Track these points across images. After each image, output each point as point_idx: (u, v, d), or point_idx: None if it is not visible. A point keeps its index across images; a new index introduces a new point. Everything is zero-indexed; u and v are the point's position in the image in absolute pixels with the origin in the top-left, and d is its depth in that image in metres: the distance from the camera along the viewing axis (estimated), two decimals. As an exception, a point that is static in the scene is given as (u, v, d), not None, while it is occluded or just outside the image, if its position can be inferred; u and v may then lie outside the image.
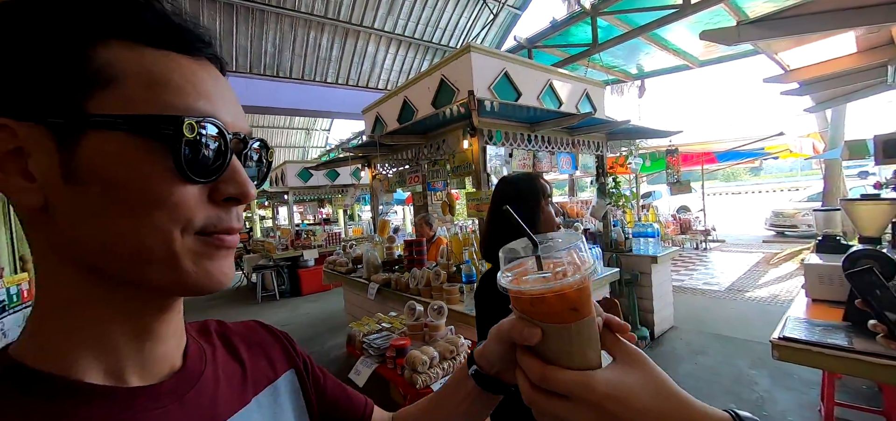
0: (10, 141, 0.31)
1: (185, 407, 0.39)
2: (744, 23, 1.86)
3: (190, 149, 0.33)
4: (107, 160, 0.32)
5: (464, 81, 3.20)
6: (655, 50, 6.37)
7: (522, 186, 1.36)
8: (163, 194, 0.33)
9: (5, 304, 2.46)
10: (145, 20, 0.34)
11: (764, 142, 7.96)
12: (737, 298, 5.44)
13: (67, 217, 0.33)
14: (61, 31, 0.32)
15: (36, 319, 0.36)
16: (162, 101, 0.33)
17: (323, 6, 6.22)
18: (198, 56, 0.37)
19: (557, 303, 0.39)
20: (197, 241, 0.36)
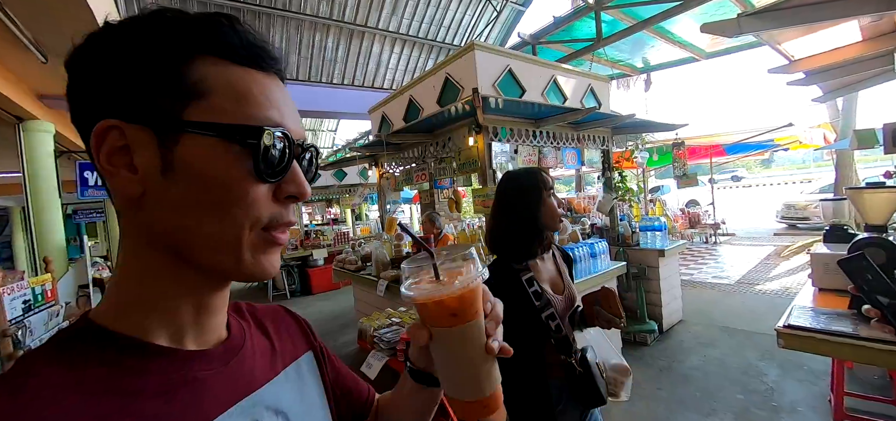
0: (120, 139, 0.38)
1: (230, 371, 0.45)
2: (744, 14, 1.87)
3: (265, 154, 0.40)
4: (199, 159, 0.38)
5: (468, 79, 3.23)
6: (661, 43, 6.33)
7: (524, 180, 1.41)
8: (241, 191, 0.39)
9: (31, 303, 2.55)
10: (231, 41, 0.40)
11: (773, 133, 7.86)
12: (746, 291, 5.41)
13: (160, 204, 0.39)
14: (162, 49, 0.38)
15: (118, 291, 0.42)
16: (244, 112, 0.39)
17: (328, 8, 6.29)
18: (269, 71, 0.43)
19: (437, 309, 0.45)
20: (258, 235, 0.41)
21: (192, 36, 0.39)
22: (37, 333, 2.54)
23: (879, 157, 14.16)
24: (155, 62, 0.38)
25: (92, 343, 0.38)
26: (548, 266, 1.44)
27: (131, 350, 0.39)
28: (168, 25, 0.39)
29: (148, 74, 0.38)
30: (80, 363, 0.36)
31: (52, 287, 2.91)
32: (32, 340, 2.46)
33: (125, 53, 0.38)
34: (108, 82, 0.38)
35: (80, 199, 5.50)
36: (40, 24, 3.28)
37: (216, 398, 0.42)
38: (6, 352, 2.17)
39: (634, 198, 4.88)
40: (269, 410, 0.47)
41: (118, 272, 0.42)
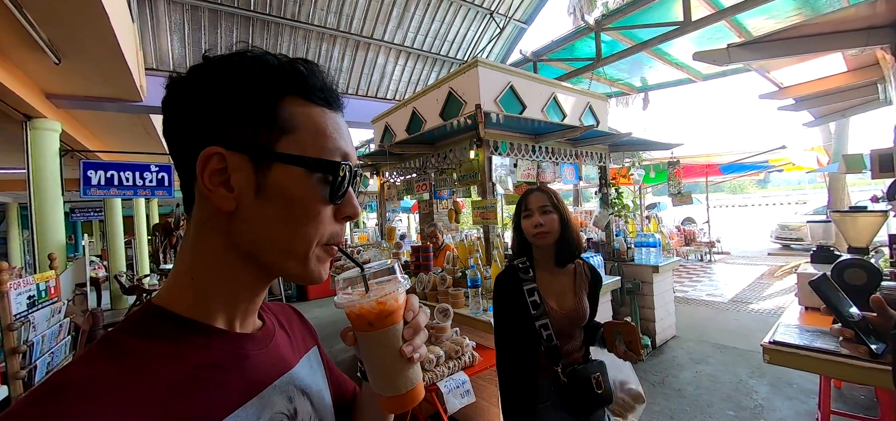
0: (220, 162, 0.45)
1: (270, 352, 0.54)
2: (734, 45, 1.97)
3: (337, 183, 0.48)
4: (287, 184, 0.46)
5: (471, 94, 3.33)
6: (659, 64, 6.48)
7: (517, 201, 1.61)
8: (315, 212, 0.48)
9: (35, 299, 2.58)
10: (313, 85, 0.49)
11: (767, 155, 8.00)
12: (740, 309, 5.48)
13: (250, 218, 0.46)
14: (260, 90, 0.46)
15: (187, 283, 0.48)
16: (322, 146, 0.48)
17: (335, 20, 6.41)
18: (337, 108, 0.52)
19: (357, 318, 0.54)
20: (321, 249, 0.50)
21: (283, 79, 0.47)
22: (40, 329, 2.57)
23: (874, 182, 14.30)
24: (254, 100, 0.46)
25: (164, 323, 0.45)
26: (560, 279, 1.53)
27: (198, 330, 0.47)
28: (264, 69, 0.47)
29: (247, 110, 0.46)
30: (158, 339, 0.44)
31: (56, 284, 2.95)
32: (36, 336, 2.49)
33: (229, 89, 0.46)
34: (212, 114, 0.45)
35: (82, 197, 5.52)
36: (55, 26, 3.36)
37: (261, 374, 0.50)
38: (10, 346, 2.20)
39: (630, 214, 4.96)
40: (298, 390, 0.55)
41: (186, 266, 0.49)
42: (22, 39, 3.40)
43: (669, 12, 5.27)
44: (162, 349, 0.43)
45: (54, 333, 2.70)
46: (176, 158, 0.49)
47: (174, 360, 0.43)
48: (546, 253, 1.52)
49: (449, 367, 2.31)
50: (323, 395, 0.61)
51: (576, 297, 1.50)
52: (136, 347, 0.42)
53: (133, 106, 5.27)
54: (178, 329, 0.45)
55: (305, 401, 0.56)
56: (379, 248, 5.04)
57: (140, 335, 0.43)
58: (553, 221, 1.48)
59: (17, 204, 13.26)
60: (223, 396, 0.44)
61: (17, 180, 8.98)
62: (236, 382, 0.47)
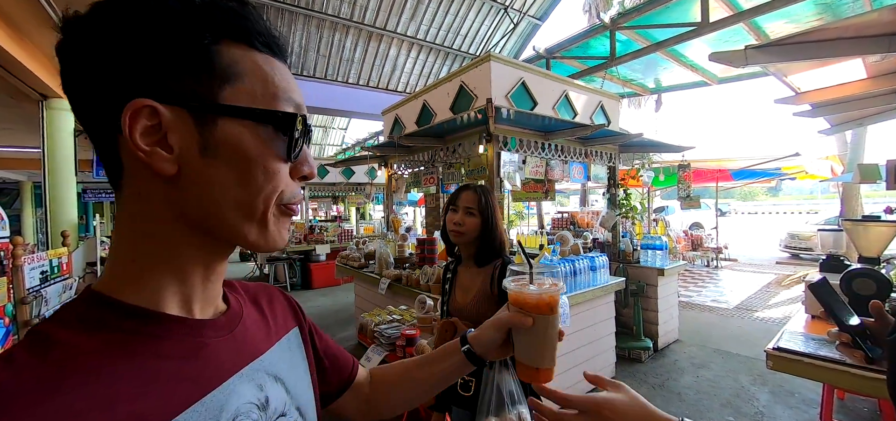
0: (152, 118, 0.38)
1: (235, 339, 0.48)
2: (751, 47, 1.95)
3: (293, 137, 0.44)
4: (238, 141, 0.41)
5: (482, 89, 3.32)
6: (674, 65, 6.41)
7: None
8: (272, 170, 0.43)
9: (48, 274, 2.64)
10: (254, 28, 0.43)
11: (780, 162, 7.89)
12: (744, 316, 5.43)
13: (195, 183, 0.40)
14: (193, 31, 0.39)
15: (130, 264, 0.42)
16: (274, 96, 0.43)
17: (349, 9, 6.43)
18: (282, 58, 0.46)
19: (544, 304, 0.63)
20: (278, 209, 0.45)
21: (220, 19, 0.40)
22: (51, 304, 2.63)
23: (888, 194, 14.09)
24: (188, 43, 0.38)
25: (107, 312, 0.39)
26: (472, 276, 1.61)
27: (148, 318, 0.41)
28: (196, 7, 0.39)
29: (178, 55, 0.38)
30: (99, 331, 0.37)
31: (68, 261, 3.01)
32: (47, 310, 2.55)
33: (153, 30, 0.37)
34: (134, 61, 0.37)
35: (95, 178, 5.62)
36: (74, 6, 3.41)
37: (226, 362, 0.45)
38: (23, 319, 2.26)
39: (637, 216, 4.94)
40: (269, 376, 0.50)
41: (125, 246, 0.42)
42: (41, 19, 3.46)
43: (687, 13, 5.21)
44: (103, 342, 0.37)
45: (66, 308, 2.77)
46: (87, 119, 0.40)
47: (118, 354, 0.36)
48: (467, 250, 1.62)
49: (451, 359, 2.32)
50: (300, 381, 0.57)
51: (473, 295, 1.56)
52: (70, 341, 0.35)
53: (147, 88, 5.33)
54: (124, 318, 0.39)
55: (279, 387, 0.51)
56: (384, 239, 5.06)
57: (76, 327, 0.37)
58: (473, 223, 1.55)
59: (31, 182, 13.50)
60: (178, 390, 0.39)
61: (30, 159, 9.13)
62: (194, 373, 0.41)
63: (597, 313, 3.34)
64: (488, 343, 0.70)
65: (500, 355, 0.71)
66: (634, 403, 0.58)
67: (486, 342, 0.70)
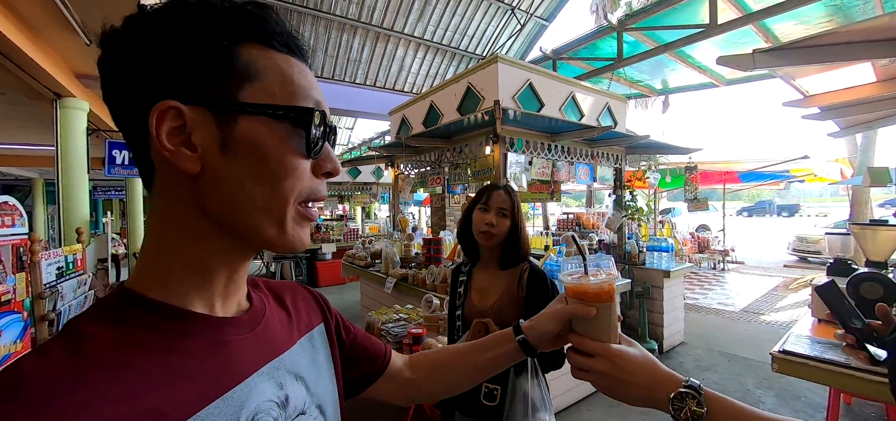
0: (177, 119, 0.40)
1: (256, 337, 0.49)
2: (759, 50, 1.95)
3: (311, 133, 0.44)
4: (256, 137, 0.42)
5: (489, 90, 3.34)
6: (681, 67, 6.38)
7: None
8: (292, 166, 0.43)
9: (63, 270, 2.69)
10: (272, 29, 0.44)
11: (789, 164, 7.83)
12: (751, 319, 5.41)
13: (217, 180, 0.42)
14: (214, 34, 0.41)
15: (158, 262, 0.44)
16: (293, 93, 0.44)
17: (357, 10, 6.47)
18: (301, 58, 0.47)
19: (603, 293, 0.66)
20: (297, 209, 0.45)
21: (238, 23, 0.42)
22: (67, 299, 2.69)
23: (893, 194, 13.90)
24: (208, 47, 0.41)
25: (135, 309, 0.41)
26: (493, 278, 1.54)
27: (174, 315, 0.42)
28: (216, 12, 0.42)
29: (201, 58, 0.41)
30: (127, 327, 0.39)
31: (82, 257, 3.07)
32: (63, 305, 2.61)
33: (177, 37, 0.40)
34: (161, 65, 0.40)
35: (106, 176, 5.70)
36: (88, 8, 3.47)
37: (247, 360, 0.46)
38: (40, 313, 2.31)
39: (643, 218, 4.93)
40: (289, 374, 0.51)
41: (154, 245, 0.44)
42: (57, 20, 3.52)
43: (695, 14, 5.19)
44: (131, 338, 0.38)
45: (80, 304, 2.82)
46: (124, 125, 0.43)
47: (142, 349, 0.38)
48: (492, 252, 1.54)
49: (457, 358, 2.35)
50: (322, 378, 0.58)
51: (497, 298, 1.49)
52: (98, 336, 0.37)
53: (158, 88, 5.41)
54: (151, 315, 0.41)
55: (299, 385, 0.52)
56: (390, 239, 5.10)
57: (107, 323, 0.39)
58: (505, 226, 1.48)
59: (42, 179, 13.71)
60: (198, 386, 0.40)
61: (42, 157, 9.28)
62: (215, 370, 0.42)
63: (602, 315, 3.35)
64: (544, 334, 0.71)
65: (553, 346, 0.73)
66: (646, 358, 0.64)
67: (542, 333, 0.72)
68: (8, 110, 5.90)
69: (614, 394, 0.65)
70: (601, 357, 0.64)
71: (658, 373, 0.63)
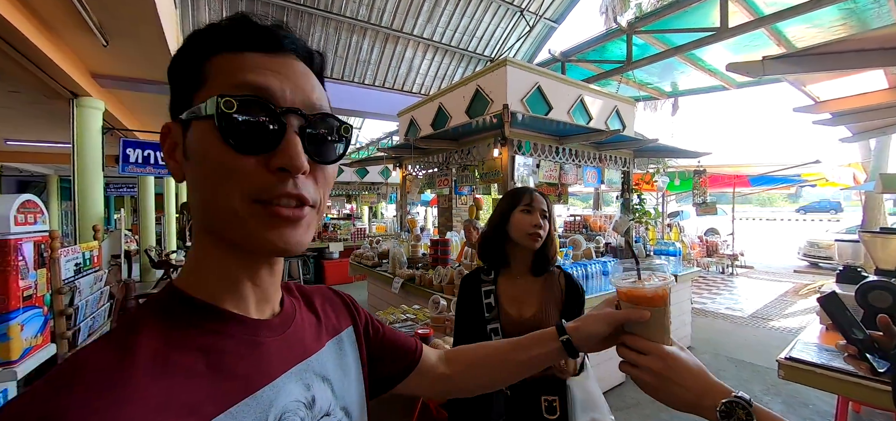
0: (170, 137, 0.45)
1: (287, 339, 0.51)
2: (769, 58, 1.95)
3: (232, 122, 0.40)
4: (196, 140, 0.42)
5: (498, 93, 3.36)
6: (691, 69, 6.34)
7: (502, 198, 1.52)
8: (225, 165, 0.41)
9: (81, 266, 2.76)
10: (240, 34, 0.44)
11: (799, 169, 7.75)
12: (759, 325, 5.36)
13: (190, 186, 0.45)
14: (189, 56, 0.45)
15: (191, 262, 0.47)
16: (224, 87, 0.42)
17: (367, 12, 6.53)
18: (277, 52, 0.45)
19: (658, 297, 0.67)
20: (257, 207, 0.42)
21: (211, 37, 0.44)
22: (84, 294, 2.75)
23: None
24: (182, 66, 0.45)
25: (181, 307, 0.44)
26: (526, 286, 1.44)
27: (211, 315, 0.45)
28: (195, 34, 0.45)
29: (179, 77, 0.45)
30: (174, 322, 0.42)
31: (99, 253, 3.14)
32: (80, 300, 2.67)
33: (172, 66, 0.46)
34: (171, 91, 0.46)
35: (120, 174, 5.81)
36: (106, 10, 3.55)
37: (277, 361, 0.48)
38: (59, 308, 2.38)
39: (650, 221, 4.91)
40: (317, 376, 0.53)
41: (193, 249, 0.48)
42: (75, 21, 3.60)
43: (706, 17, 5.16)
44: (176, 334, 0.42)
45: (96, 299, 2.89)
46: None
47: (187, 346, 0.41)
48: (524, 257, 1.44)
49: (463, 359, 2.38)
50: (348, 380, 0.60)
51: (538, 307, 1.41)
52: (153, 331, 0.40)
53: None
54: (195, 314, 0.44)
55: (325, 387, 0.54)
56: (398, 239, 5.14)
57: (159, 319, 0.42)
58: (546, 228, 1.41)
59: (57, 176, 13.96)
60: (231, 384, 0.42)
61: (57, 154, 9.46)
62: (247, 369, 0.44)
63: (608, 318, 3.35)
64: (591, 336, 0.72)
65: (600, 348, 0.74)
66: (698, 366, 0.65)
67: (589, 335, 0.72)
68: (26, 109, 6.03)
69: (659, 394, 0.65)
70: (653, 356, 0.64)
71: (708, 381, 0.63)
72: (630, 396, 3.33)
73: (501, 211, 1.46)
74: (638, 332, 0.69)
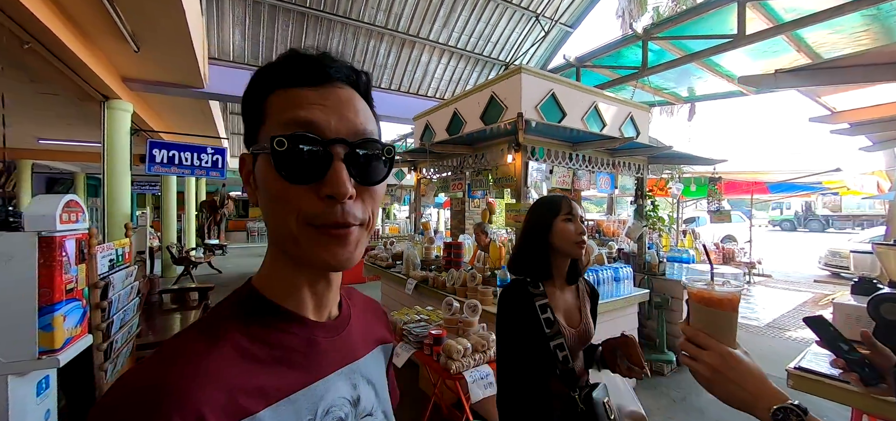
0: (245, 165, 0.52)
1: (340, 341, 0.57)
2: (782, 71, 1.96)
3: (282, 158, 0.45)
4: (259, 172, 0.50)
5: (513, 100, 3.42)
6: (708, 75, 6.28)
7: (541, 205, 1.46)
8: (280, 194, 0.47)
9: (114, 261, 2.91)
10: (290, 71, 0.50)
11: (820, 176, 7.59)
12: (775, 335, 5.29)
13: (260, 208, 0.51)
14: (255, 93, 0.51)
15: (267, 267, 0.54)
16: (280, 125, 0.47)
17: (384, 18, 6.66)
18: (322, 84, 0.50)
19: (727, 302, 0.72)
20: (311, 230, 0.47)
21: (268, 76, 0.50)
22: (117, 288, 2.90)
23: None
24: (248, 103, 0.52)
25: (257, 305, 0.51)
26: (567, 296, 1.43)
27: (279, 314, 0.52)
28: (257, 73, 0.52)
29: (247, 113, 0.52)
30: (250, 318, 0.50)
31: (130, 250, 3.30)
32: (114, 294, 2.82)
33: (244, 101, 0.53)
34: (244, 124, 0.53)
35: (146, 173, 6.04)
36: (139, 19, 3.73)
37: (330, 360, 0.54)
38: (94, 301, 2.52)
39: (664, 227, 4.90)
40: (362, 378, 0.59)
41: (267, 256, 0.54)
42: (110, 29, 3.80)
43: (724, 23, 5.11)
44: (252, 328, 0.49)
45: (127, 294, 3.04)
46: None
47: (261, 340, 0.48)
48: (563, 266, 1.41)
49: (475, 359, 2.44)
50: (383, 388, 0.65)
51: (581, 315, 1.42)
52: (236, 324, 0.48)
53: (195, 92, 5.72)
54: (267, 313, 0.51)
55: (370, 390, 0.60)
56: (412, 241, 5.22)
57: (240, 315, 0.50)
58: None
59: (84, 174, 14.48)
60: (292, 375, 0.49)
61: (85, 152, 9.82)
62: (306, 364, 0.51)
63: (619, 324, 3.38)
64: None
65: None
66: (758, 369, 0.70)
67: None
68: (60, 110, 6.32)
69: (714, 389, 0.70)
70: (713, 353, 0.69)
71: (766, 385, 0.67)
72: (640, 402, 3.35)
73: (541, 221, 1.41)
74: (706, 330, 0.74)
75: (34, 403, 2.01)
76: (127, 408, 0.39)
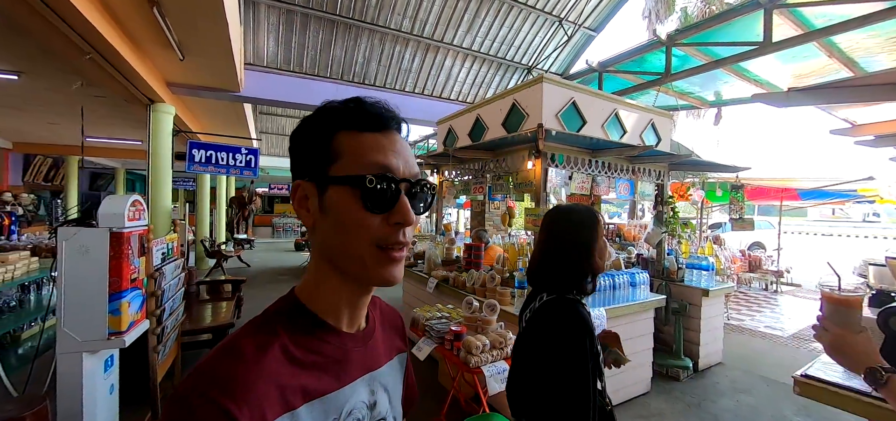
0: (302, 191, 0.59)
1: (367, 350, 0.66)
2: (794, 89, 2.00)
3: (370, 193, 0.55)
4: (336, 201, 0.56)
5: (534, 108, 3.54)
6: (735, 79, 6.18)
7: (582, 214, 1.37)
8: (357, 220, 0.56)
9: (166, 255, 3.18)
10: (357, 117, 0.58)
11: (853, 184, 7.36)
12: (800, 346, 5.21)
13: (322, 231, 0.58)
14: (319, 132, 0.59)
15: (310, 282, 0.62)
16: (359, 164, 0.56)
17: (410, 24, 6.86)
18: (385, 130, 0.60)
19: (849, 301, 1.02)
20: (377, 251, 0.57)
21: (335, 119, 0.58)
22: (167, 279, 3.18)
23: None
24: (314, 140, 0.58)
25: (300, 314, 0.60)
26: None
27: (318, 325, 0.60)
28: (321, 115, 0.59)
29: (312, 149, 0.58)
30: (295, 325, 0.58)
31: (177, 244, 3.59)
32: (165, 284, 3.10)
33: (303, 137, 0.60)
34: (297, 157, 0.60)
35: (186, 171, 6.41)
36: (186, 29, 4.03)
37: (356, 368, 0.62)
38: (150, 290, 2.79)
39: (684, 235, 4.90)
40: (380, 385, 0.67)
41: (311, 273, 0.62)
42: (159, 38, 4.11)
43: (751, 29, 5.04)
44: (297, 335, 0.57)
45: (175, 285, 3.33)
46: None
47: (303, 347, 0.57)
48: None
49: (493, 355, 2.59)
50: (398, 395, 0.73)
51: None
52: (283, 330, 0.56)
53: (232, 95, 6.06)
54: (309, 323, 0.59)
55: (385, 396, 0.67)
56: (433, 241, 5.39)
57: (287, 322, 0.58)
58: None
59: (124, 170, 15.31)
60: (326, 379, 0.57)
61: (127, 149, 10.41)
62: (337, 371, 0.59)
63: (634, 328, 3.44)
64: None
65: None
66: (863, 344, 0.96)
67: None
68: (107, 111, 6.78)
69: (832, 355, 0.99)
70: (832, 333, 0.99)
71: (869, 356, 0.93)
72: (654, 406, 3.43)
73: (590, 236, 1.33)
74: (834, 320, 1.02)
75: (102, 378, 2.28)
76: (210, 391, 0.47)
